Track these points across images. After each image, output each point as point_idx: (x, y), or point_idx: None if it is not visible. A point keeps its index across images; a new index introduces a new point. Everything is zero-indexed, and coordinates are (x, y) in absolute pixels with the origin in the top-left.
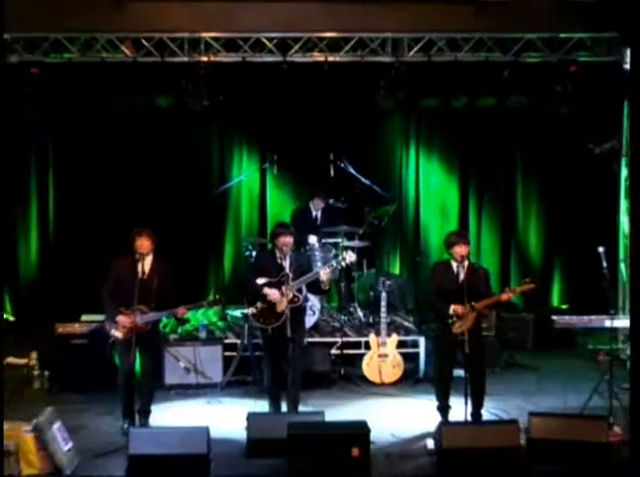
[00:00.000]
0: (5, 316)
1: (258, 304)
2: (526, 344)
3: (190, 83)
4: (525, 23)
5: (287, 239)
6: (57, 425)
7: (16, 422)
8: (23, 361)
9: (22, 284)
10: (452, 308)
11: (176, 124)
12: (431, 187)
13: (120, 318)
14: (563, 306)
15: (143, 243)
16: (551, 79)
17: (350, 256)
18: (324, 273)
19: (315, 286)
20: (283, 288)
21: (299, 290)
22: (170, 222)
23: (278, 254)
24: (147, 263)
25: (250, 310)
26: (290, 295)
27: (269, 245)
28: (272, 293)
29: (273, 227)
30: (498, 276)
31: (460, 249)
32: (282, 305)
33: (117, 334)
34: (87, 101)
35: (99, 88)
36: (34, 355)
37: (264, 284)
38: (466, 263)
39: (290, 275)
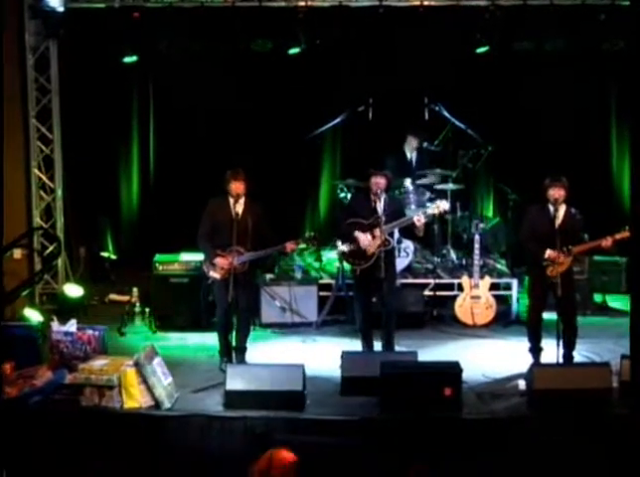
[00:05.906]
0: (107, 254)
1: (349, 245)
2: (619, 287)
3: (287, 28)
4: None
5: (379, 180)
6: (157, 360)
7: (118, 357)
8: (125, 298)
9: (123, 224)
10: (547, 253)
11: (273, 68)
12: (525, 130)
13: (218, 260)
14: None
15: (238, 186)
16: None
17: (444, 205)
18: (417, 220)
19: (409, 231)
20: (375, 231)
21: (391, 234)
22: (266, 164)
23: (372, 197)
24: (240, 205)
25: (341, 249)
26: (382, 238)
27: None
28: (363, 239)
29: (367, 169)
30: (591, 221)
31: (554, 192)
32: (373, 248)
33: (215, 275)
34: (187, 45)
35: (198, 32)
36: (135, 292)
37: (356, 226)
38: (563, 207)
39: (383, 218)
